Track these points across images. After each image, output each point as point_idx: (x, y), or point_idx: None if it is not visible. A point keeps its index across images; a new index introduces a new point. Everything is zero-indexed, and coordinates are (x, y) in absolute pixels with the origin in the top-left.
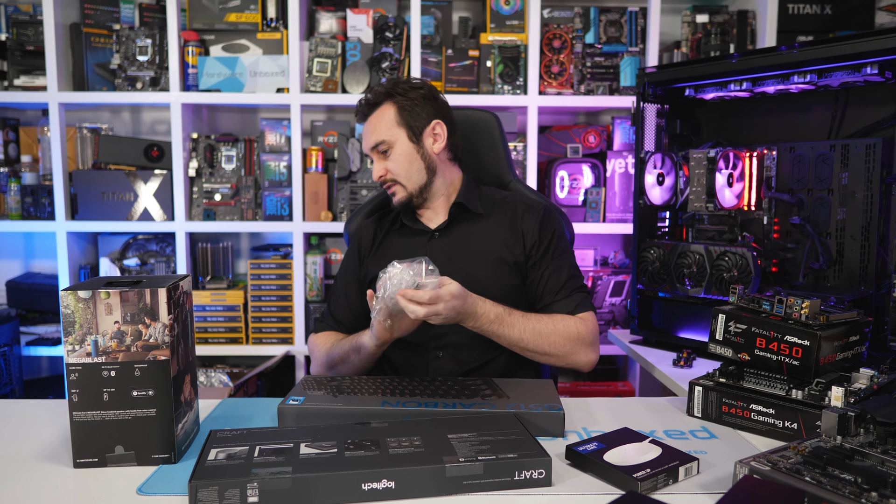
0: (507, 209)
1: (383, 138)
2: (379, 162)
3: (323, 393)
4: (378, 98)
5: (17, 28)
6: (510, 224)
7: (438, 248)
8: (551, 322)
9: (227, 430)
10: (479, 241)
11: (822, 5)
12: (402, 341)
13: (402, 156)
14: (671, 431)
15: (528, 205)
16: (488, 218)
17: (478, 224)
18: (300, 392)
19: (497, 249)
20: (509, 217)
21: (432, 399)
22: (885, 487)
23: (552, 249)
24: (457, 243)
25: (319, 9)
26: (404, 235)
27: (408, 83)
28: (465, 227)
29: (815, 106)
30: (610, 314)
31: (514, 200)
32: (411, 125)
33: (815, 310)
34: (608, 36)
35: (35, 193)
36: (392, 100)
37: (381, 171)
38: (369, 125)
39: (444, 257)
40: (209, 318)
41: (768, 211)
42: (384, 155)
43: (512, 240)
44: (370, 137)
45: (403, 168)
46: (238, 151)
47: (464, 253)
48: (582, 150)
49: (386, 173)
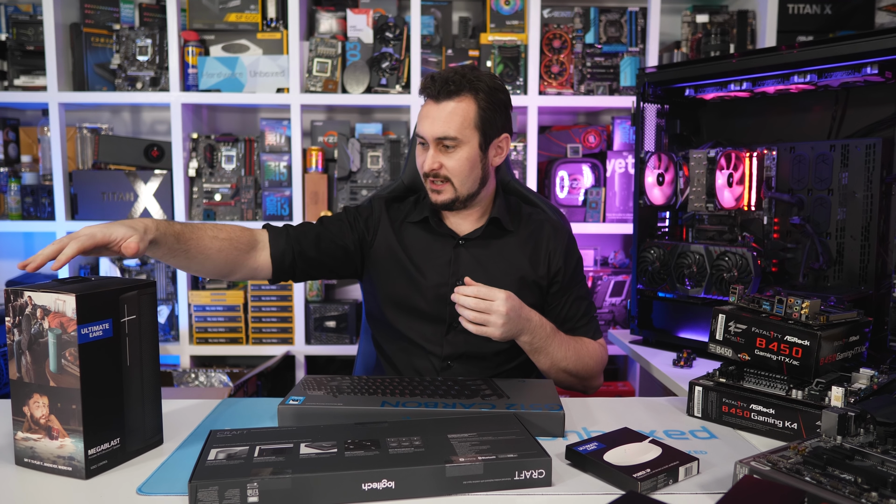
0: (533, 227)
1: (456, 135)
2: (437, 154)
3: (323, 393)
4: (461, 87)
5: (17, 28)
6: (536, 244)
7: (465, 257)
8: (583, 345)
9: (227, 430)
10: (504, 256)
11: (822, 5)
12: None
13: (467, 160)
14: (671, 431)
15: (554, 227)
16: (515, 234)
17: (504, 238)
18: (300, 392)
19: (521, 267)
20: (535, 236)
21: (432, 399)
22: (885, 487)
23: (577, 277)
24: (483, 255)
25: (319, 9)
26: (427, 232)
27: (492, 79)
28: (491, 240)
29: (815, 106)
30: (610, 314)
31: (540, 218)
32: (486, 132)
33: (815, 310)
34: (608, 36)
35: (35, 193)
36: (475, 95)
37: (435, 163)
38: (441, 112)
39: (469, 266)
40: (209, 318)
41: (768, 211)
42: (445, 149)
43: (536, 260)
44: (439, 126)
45: (464, 172)
46: (238, 151)
47: (489, 266)
48: (582, 150)
49: (440, 168)
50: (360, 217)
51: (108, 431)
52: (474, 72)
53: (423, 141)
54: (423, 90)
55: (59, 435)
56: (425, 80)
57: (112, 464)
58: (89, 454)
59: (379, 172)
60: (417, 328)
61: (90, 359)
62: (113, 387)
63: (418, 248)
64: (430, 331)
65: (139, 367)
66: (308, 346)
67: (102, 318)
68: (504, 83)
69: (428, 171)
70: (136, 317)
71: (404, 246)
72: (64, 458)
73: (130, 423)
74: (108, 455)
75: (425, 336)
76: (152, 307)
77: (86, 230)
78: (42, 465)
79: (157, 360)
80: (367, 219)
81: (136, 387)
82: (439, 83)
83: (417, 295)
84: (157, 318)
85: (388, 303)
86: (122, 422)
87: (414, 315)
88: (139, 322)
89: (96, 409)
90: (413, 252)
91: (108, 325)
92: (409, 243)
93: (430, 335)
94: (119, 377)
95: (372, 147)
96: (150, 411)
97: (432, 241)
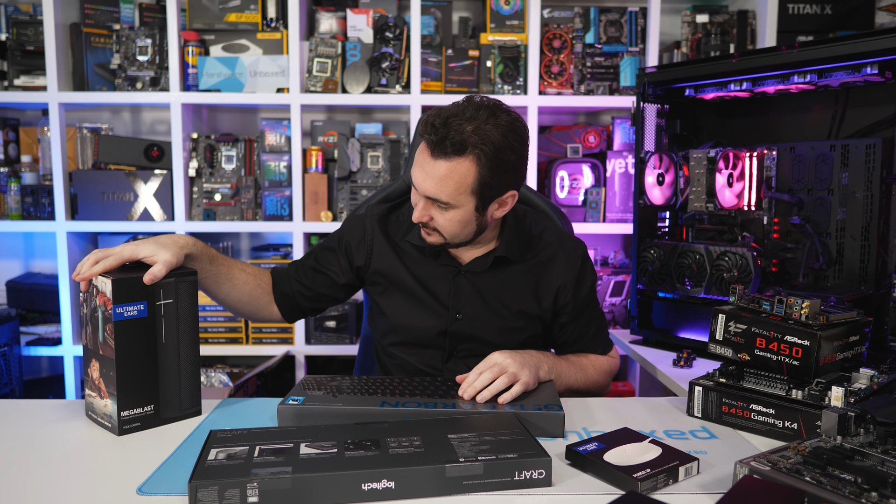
0: (542, 252)
1: (446, 200)
2: (427, 207)
3: (322, 393)
4: (461, 148)
5: (17, 28)
6: (543, 275)
7: (466, 288)
8: (589, 362)
9: (228, 431)
10: (506, 288)
11: (822, 5)
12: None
13: (458, 221)
14: (671, 431)
15: (567, 256)
16: (521, 262)
17: (509, 269)
18: (300, 392)
19: (523, 301)
20: (544, 265)
21: (432, 399)
22: (885, 487)
23: (588, 302)
24: (483, 286)
25: (319, 9)
26: (424, 255)
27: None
28: (495, 271)
29: (815, 106)
30: (610, 314)
31: (551, 241)
32: (485, 196)
33: (815, 310)
34: (608, 36)
35: (35, 193)
36: (476, 154)
37: (425, 216)
38: (435, 171)
39: (470, 297)
40: (209, 318)
41: (768, 211)
42: (436, 206)
43: (541, 293)
44: (430, 187)
45: (454, 229)
46: (238, 151)
47: (488, 298)
48: (582, 150)
49: (430, 221)
50: (352, 244)
51: (142, 398)
52: (488, 122)
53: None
54: (421, 133)
55: (104, 396)
56: (426, 122)
57: (145, 426)
58: (122, 416)
59: (379, 172)
60: (417, 354)
61: (124, 334)
62: (147, 360)
63: (419, 274)
64: (430, 357)
65: (176, 345)
66: (308, 346)
67: (137, 300)
68: (522, 131)
69: (416, 220)
70: (174, 301)
71: (404, 269)
72: (107, 415)
73: (165, 393)
74: (142, 419)
75: (425, 362)
76: (192, 293)
77: (118, 249)
78: (96, 419)
79: (195, 340)
80: (358, 244)
81: (171, 362)
82: (439, 136)
83: (417, 324)
84: (196, 303)
85: (387, 329)
86: (156, 391)
87: (413, 343)
88: (176, 306)
89: (129, 377)
90: (413, 277)
91: (143, 306)
92: (408, 265)
93: (431, 362)
94: (154, 352)
95: (372, 147)
96: (188, 385)
97: (430, 267)
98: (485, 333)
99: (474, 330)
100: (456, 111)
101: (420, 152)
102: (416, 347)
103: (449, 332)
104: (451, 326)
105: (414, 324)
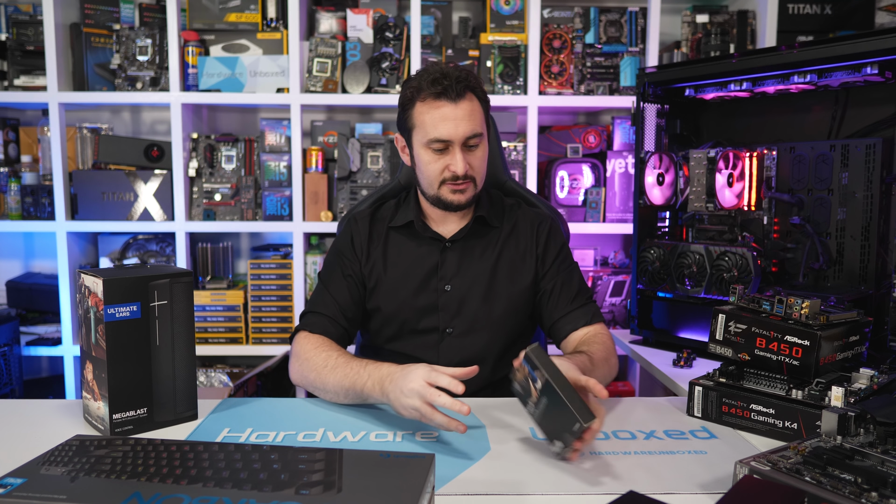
0: (514, 218)
1: (481, 131)
2: (465, 155)
3: (61, 472)
4: (471, 86)
5: (17, 28)
6: (520, 233)
7: (451, 259)
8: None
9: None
10: (491, 251)
11: (822, 5)
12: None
13: (484, 156)
14: (671, 431)
15: (536, 215)
16: (499, 228)
17: (489, 235)
18: (33, 469)
19: (510, 257)
20: (518, 226)
21: (217, 490)
22: (885, 487)
23: (560, 261)
24: (470, 254)
25: (319, 9)
26: (411, 238)
27: (477, 80)
28: (476, 238)
29: (815, 106)
30: (610, 314)
31: (521, 210)
32: (488, 128)
33: (815, 310)
34: (608, 36)
35: (35, 193)
36: (476, 94)
37: (466, 165)
38: (462, 111)
39: (457, 268)
40: (209, 318)
41: (768, 211)
42: (468, 149)
43: (524, 248)
44: (468, 125)
45: (483, 168)
46: (238, 151)
47: (478, 263)
48: (582, 150)
49: (469, 170)
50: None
51: (134, 401)
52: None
53: (441, 147)
54: (432, 92)
55: (97, 398)
56: (433, 79)
57: (138, 429)
58: (114, 418)
59: (379, 172)
60: (412, 341)
61: (115, 336)
62: (139, 362)
63: (404, 258)
64: (422, 342)
65: (170, 347)
66: None
67: (129, 301)
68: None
69: (462, 174)
70: (168, 302)
71: (390, 257)
72: (100, 417)
73: (159, 396)
74: (134, 422)
75: (420, 349)
76: (186, 294)
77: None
78: (91, 422)
79: (191, 342)
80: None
81: (165, 365)
82: (454, 82)
83: (409, 303)
84: (192, 305)
85: (382, 322)
86: (149, 394)
87: (408, 330)
88: (171, 307)
89: (121, 379)
90: (399, 263)
91: (137, 307)
92: (394, 253)
93: (423, 347)
94: (147, 354)
95: (372, 147)
96: (182, 388)
97: (417, 248)
98: (474, 301)
99: (463, 299)
100: (441, 66)
101: (435, 108)
102: (411, 334)
103: (440, 304)
104: (441, 298)
105: (406, 303)
